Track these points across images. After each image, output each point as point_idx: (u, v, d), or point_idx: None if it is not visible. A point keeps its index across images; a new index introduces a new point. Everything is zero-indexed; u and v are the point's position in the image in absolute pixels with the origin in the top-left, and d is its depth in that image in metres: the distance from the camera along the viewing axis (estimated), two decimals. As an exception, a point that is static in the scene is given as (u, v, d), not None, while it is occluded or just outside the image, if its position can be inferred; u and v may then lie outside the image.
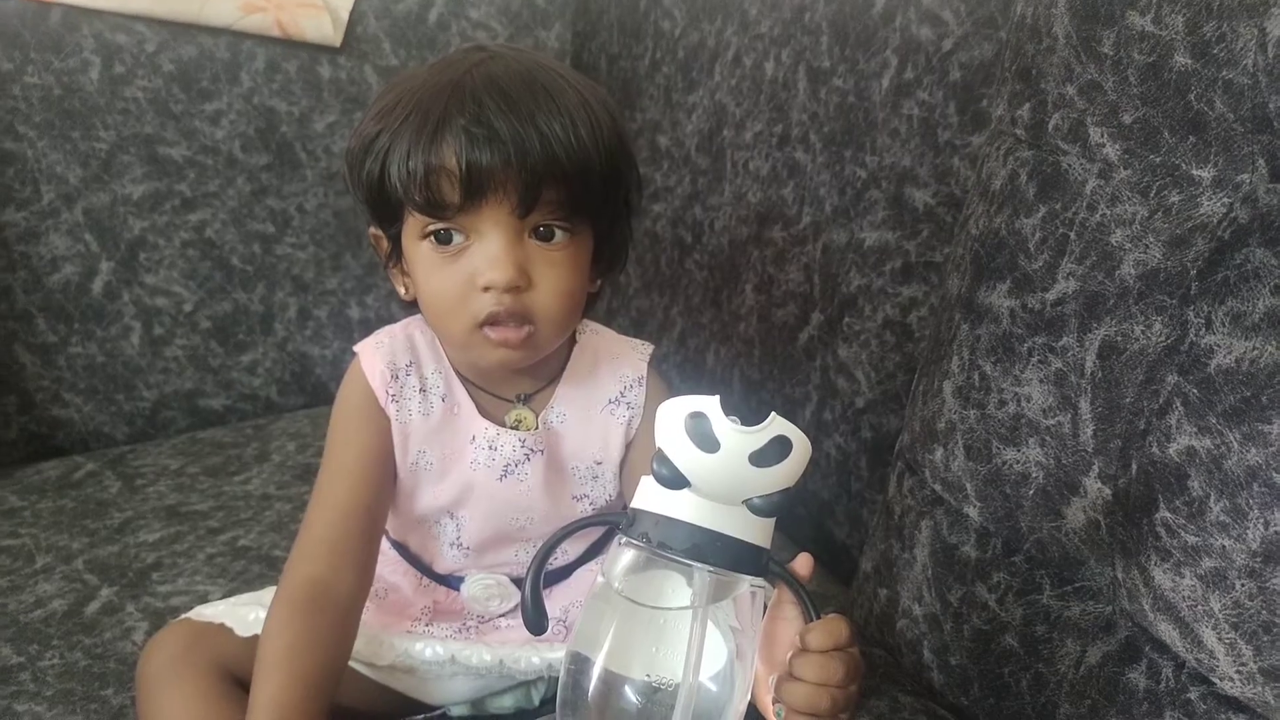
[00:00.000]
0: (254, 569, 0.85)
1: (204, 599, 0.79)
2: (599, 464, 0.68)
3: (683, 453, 0.42)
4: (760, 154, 0.93)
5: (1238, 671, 0.49)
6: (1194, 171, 0.51)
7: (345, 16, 1.18)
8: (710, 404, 0.42)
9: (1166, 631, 0.53)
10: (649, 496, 0.44)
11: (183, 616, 0.68)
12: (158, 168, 1.11)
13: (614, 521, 0.46)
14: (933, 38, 0.75)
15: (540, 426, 0.67)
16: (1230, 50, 0.48)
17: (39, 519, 0.93)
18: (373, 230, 0.65)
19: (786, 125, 0.90)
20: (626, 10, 1.17)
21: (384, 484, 0.65)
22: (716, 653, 0.45)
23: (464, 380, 0.67)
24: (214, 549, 0.87)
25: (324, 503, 0.64)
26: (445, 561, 0.70)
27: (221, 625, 0.66)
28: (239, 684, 0.62)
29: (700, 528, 0.43)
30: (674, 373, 1.07)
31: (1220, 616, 0.49)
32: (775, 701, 0.47)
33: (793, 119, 0.89)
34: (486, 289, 0.57)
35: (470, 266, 0.58)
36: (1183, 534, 0.50)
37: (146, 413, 1.14)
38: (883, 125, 0.79)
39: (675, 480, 0.43)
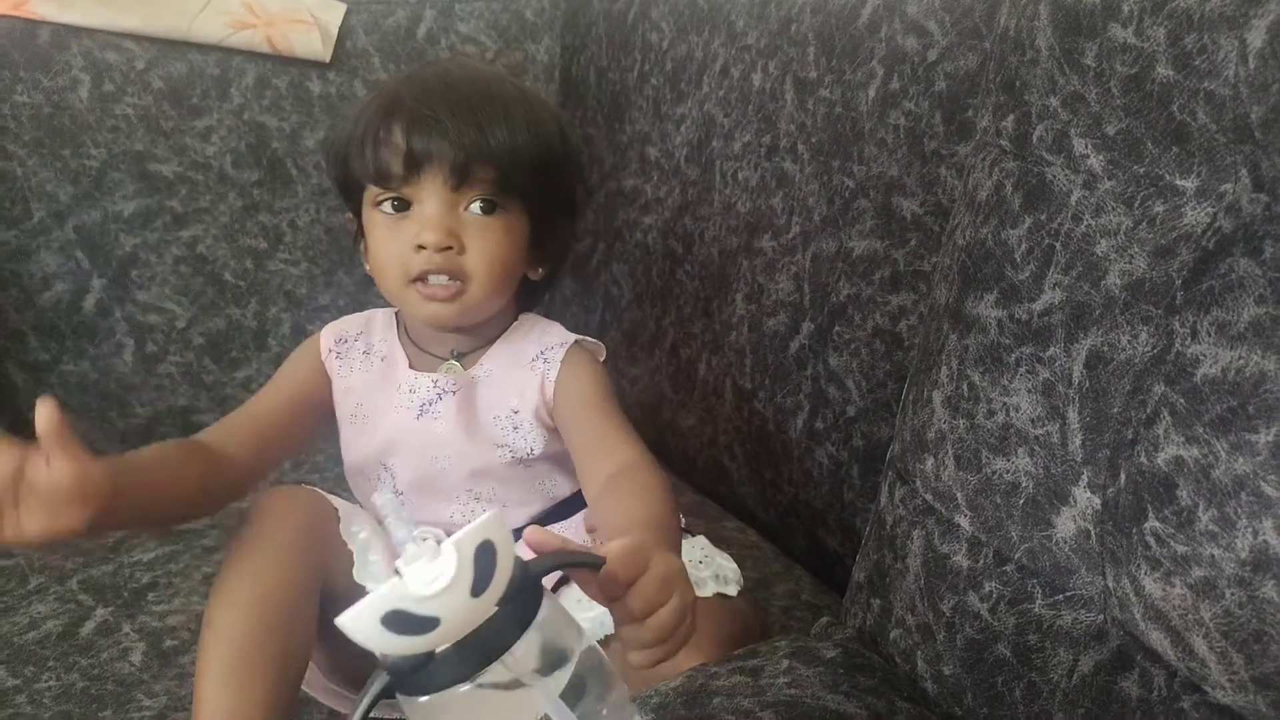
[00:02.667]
0: (248, 587, 0.85)
1: (202, 619, 0.79)
2: (516, 413, 0.74)
3: (410, 645, 0.36)
4: (749, 164, 0.94)
5: (1229, 680, 0.49)
6: (1177, 182, 0.51)
7: (334, 32, 1.18)
8: (392, 595, 0.35)
9: (1158, 640, 0.53)
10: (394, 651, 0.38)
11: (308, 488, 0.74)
12: (148, 184, 1.12)
13: (381, 689, 0.39)
14: (918, 48, 0.75)
15: (465, 376, 0.74)
16: (1212, 61, 0.49)
17: (32, 539, 0.93)
18: (348, 215, 0.77)
19: (774, 136, 0.90)
20: (615, 23, 1.17)
21: (296, 414, 0.75)
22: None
23: (409, 342, 0.76)
24: (209, 568, 0.87)
25: (242, 407, 0.75)
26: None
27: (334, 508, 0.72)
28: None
29: (464, 642, 0.37)
30: (666, 384, 1.08)
31: (1211, 625, 0.49)
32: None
33: (781, 129, 0.89)
34: (420, 248, 0.67)
35: (409, 230, 0.68)
36: (1172, 543, 0.50)
37: (140, 430, 1.14)
38: (870, 135, 0.80)
39: (421, 662, 0.37)
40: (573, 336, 0.76)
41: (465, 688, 0.38)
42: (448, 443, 0.73)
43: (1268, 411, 0.46)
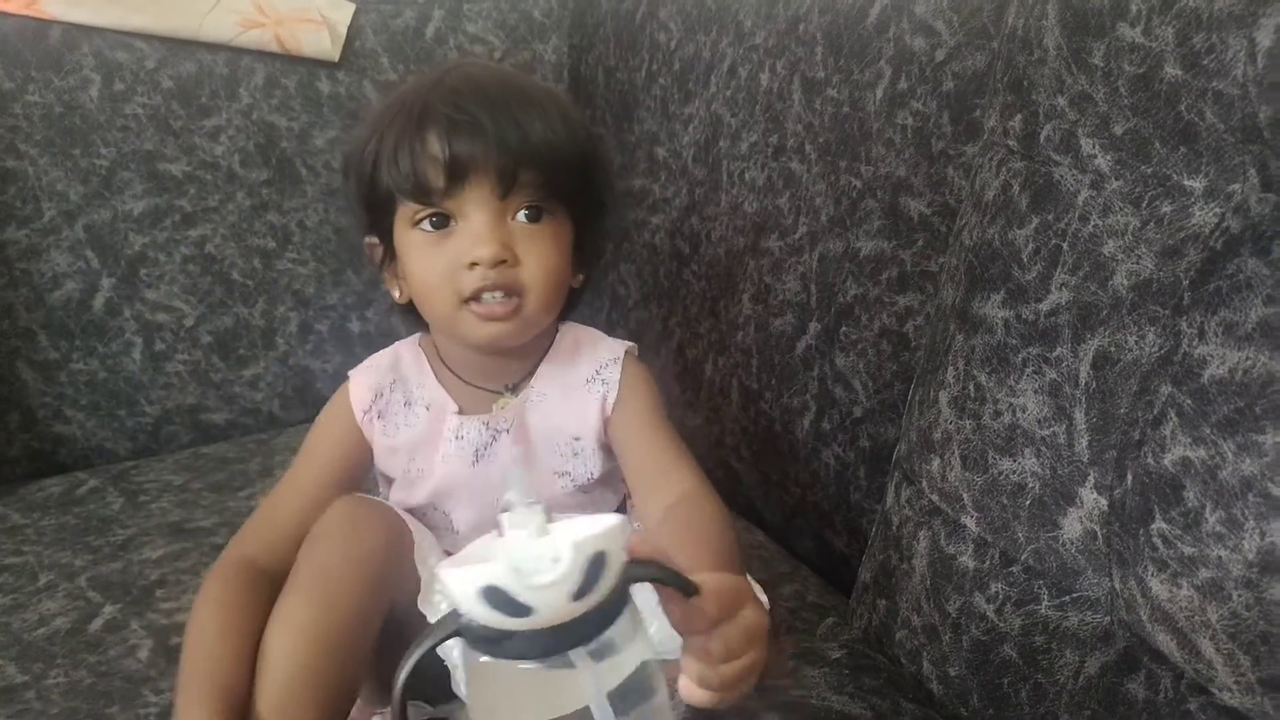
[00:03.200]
0: (256, 584, 0.85)
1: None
2: (577, 439, 0.70)
3: (496, 620, 0.37)
4: (756, 164, 0.94)
5: (1236, 682, 0.49)
6: (1185, 182, 0.51)
7: (343, 31, 1.19)
8: (498, 572, 0.36)
9: (1165, 642, 0.53)
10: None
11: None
12: (158, 184, 1.12)
13: (451, 632, 0.40)
14: (926, 48, 0.75)
15: (515, 406, 0.69)
16: (1220, 61, 0.49)
17: (42, 536, 0.94)
18: (368, 240, 0.70)
19: (782, 136, 0.90)
20: (623, 23, 1.17)
21: (341, 494, 0.68)
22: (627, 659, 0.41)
23: (451, 377, 0.70)
24: (216, 565, 0.88)
25: (278, 498, 0.69)
26: (447, 544, 0.72)
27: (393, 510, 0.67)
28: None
29: (546, 630, 0.37)
30: (673, 383, 1.07)
31: (1218, 627, 0.49)
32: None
33: (788, 129, 0.89)
34: (473, 265, 0.62)
35: (458, 247, 0.62)
36: (1179, 545, 0.50)
37: (149, 428, 1.15)
38: (877, 135, 0.79)
39: (498, 636, 0.37)
40: (621, 347, 0.72)
41: (526, 664, 0.38)
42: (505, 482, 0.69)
43: (1275, 412, 0.46)
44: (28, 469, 1.09)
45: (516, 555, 0.36)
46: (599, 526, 0.38)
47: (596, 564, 0.37)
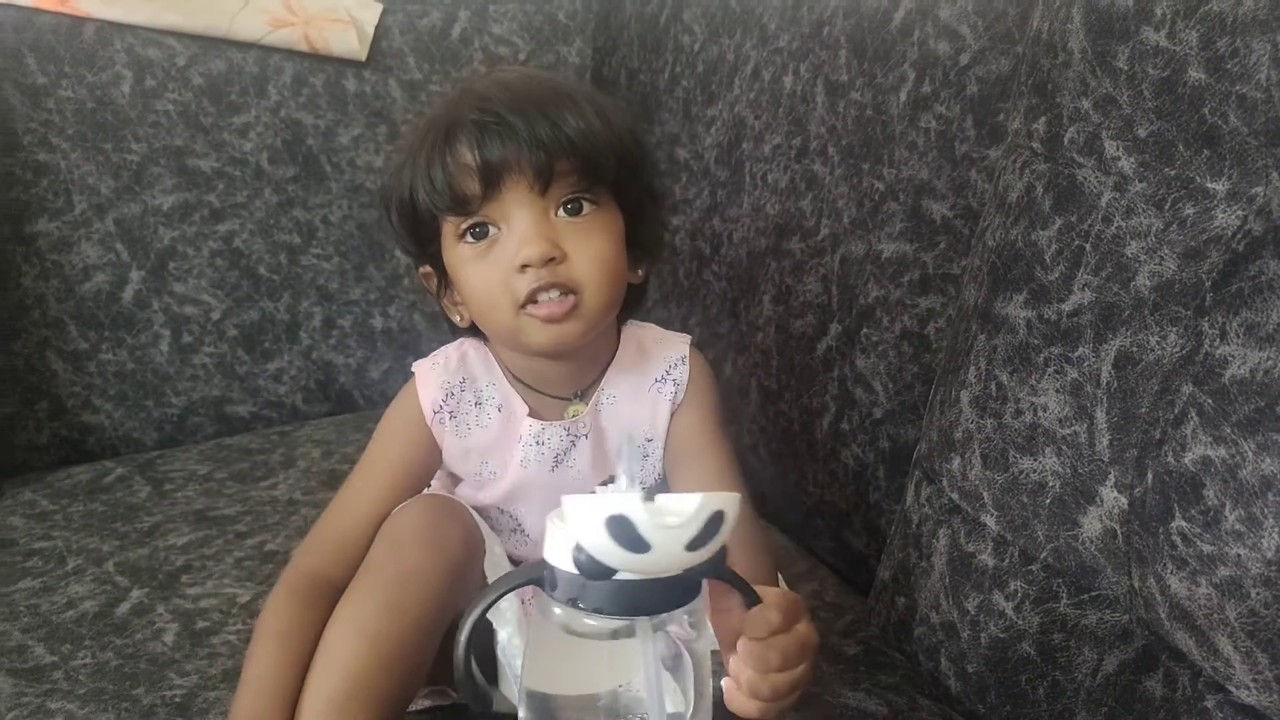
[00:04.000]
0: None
1: (234, 602, 0.81)
2: (649, 441, 0.70)
3: (609, 553, 0.39)
4: (779, 166, 0.94)
5: (1254, 680, 0.49)
6: (1208, 184, 0.52)
7: (371, 31, 1.20)
8: (631, 504, 0.37)
9: (1183, 640, 0.53)
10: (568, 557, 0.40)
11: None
12: (187, 179, 1.14)
13: (534, 580, 0.42)
14: (950, 52, 0.76)
15: (589, 411, 0.69)
16: (1244, 65, 0.49)
17: (70, 522, 0.95)
18: (422, 271, 0.69)
19: (805, 138, 0.91)
20: (647, 25, 1.18)
21: (407, 497, 0.67)
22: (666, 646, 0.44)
23: (522, 385, 0.69)
24: (242, 553, 0.89)
25: (345, 504, 0.68)
26: (511, 546, 0.72)
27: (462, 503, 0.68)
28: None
29: (633, 582, 0.39)
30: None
31: (1236, 625, 0.49)
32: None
33: (811, 132, 0.90)
34: (524, 268, 0.60)
35: (505, 252, 0.61)
36: (1198, 543, 0.51)
37: (175, 419, 1.16)
38: (900, 138, 0.80)
39: (602, 573, 0.39)
40: (685, 344, 0.71)
41: (595, 621, 0.41)
42: (582, 487, 0.68)
43: (1296, 412, 0.46)
44: (56, 456, 1.11)
45: (610, 498, 0.38)
46: (721, 493, 0.40)
47: (714, 522, 0.39)
